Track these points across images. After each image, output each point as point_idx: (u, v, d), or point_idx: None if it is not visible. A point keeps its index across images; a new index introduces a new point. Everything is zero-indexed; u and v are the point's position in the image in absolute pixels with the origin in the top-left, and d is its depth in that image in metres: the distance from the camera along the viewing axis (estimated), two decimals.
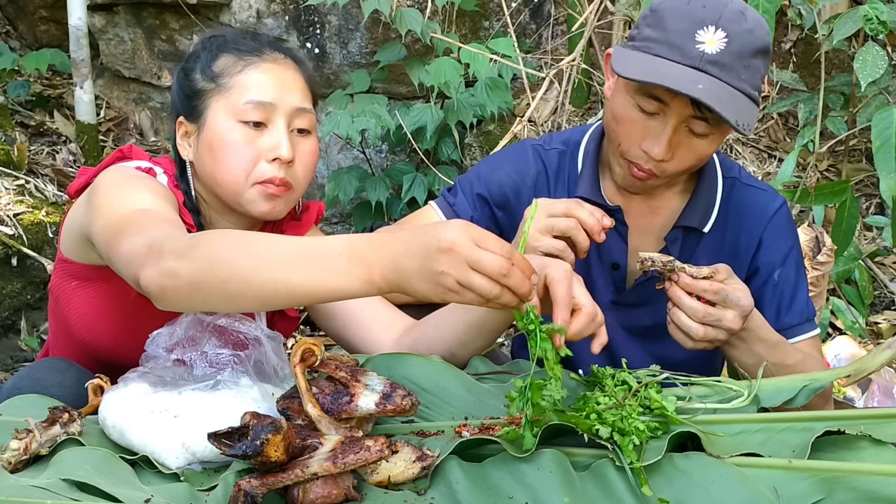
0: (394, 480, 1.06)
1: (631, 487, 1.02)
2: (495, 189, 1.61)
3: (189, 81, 1.44)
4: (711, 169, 1.56)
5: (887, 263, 3.17)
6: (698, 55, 1.34)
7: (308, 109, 1.45)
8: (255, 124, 1.39)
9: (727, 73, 1.34)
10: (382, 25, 3.15)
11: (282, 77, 1.43)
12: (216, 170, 1.40)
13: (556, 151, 1.62)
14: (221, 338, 1.23)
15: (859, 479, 0.99)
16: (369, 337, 1.45)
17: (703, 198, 1.54)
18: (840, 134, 2.97)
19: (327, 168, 3.53)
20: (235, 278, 1.07)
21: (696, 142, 1.40)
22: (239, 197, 1.41)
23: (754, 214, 1.56)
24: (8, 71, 3.45)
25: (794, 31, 3.64)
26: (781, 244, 1.56)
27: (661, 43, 1.37)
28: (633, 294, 1.58)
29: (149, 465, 1.12)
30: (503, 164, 1.64)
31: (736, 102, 1.34)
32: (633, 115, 1.41)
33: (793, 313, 1.55)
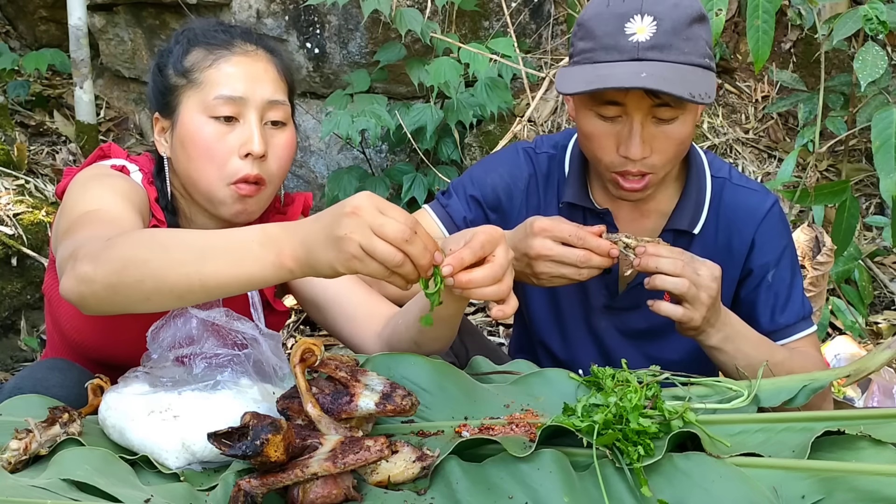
0: (394, 480, 1.06)
1: (631, 488, 1.02)
2: (489, 192, 1.61)
3: (162, 77, 1.43)
4: (700, 169, 1.56)
5: (887, 263, 3.17)
6: (633, 46, 1.35)
7: (281, 101, 1.43)
8: (226, 119, 1.38)
9: (667, 52, 1.34)
10: (382, 25, 3.15)
11: (252, 69, 1.41)
12: (191, 167, 1.40)
13: (546, 155, 1.62)
14: (220, 337, 1.23)
15: (859, 479, 0.99)
16: (356, 329, 1.45)
17: (693, 199, 1.54)
18: (840, 134, 2.97)
19: (327, 168, 3.53)
20: (149, 276, 1.07)
21: (668, 128, 1.39)
22: (213, 195, 1.40)
23: (745, 215, 1.55)
24: (8, 71, 3.45)
25: (794, 31, 3.64)
26: (775, 244, 1.55)
27: (596, 49, 1.37)
28: (626, 298, 1.58)
29: (149, 465, 1.12)
30: (496, 167, 1.64)
31: (685, 77, 1.33)
32: (598, 127, 1.41)
33: (788, 313, 1.55)
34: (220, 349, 1.21)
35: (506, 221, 1.61)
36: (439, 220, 1.61)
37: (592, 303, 1.60)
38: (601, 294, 1.59)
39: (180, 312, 1.25)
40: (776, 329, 1.53)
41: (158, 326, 1.27)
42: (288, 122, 1.44)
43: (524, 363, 1.39)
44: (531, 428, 1.15)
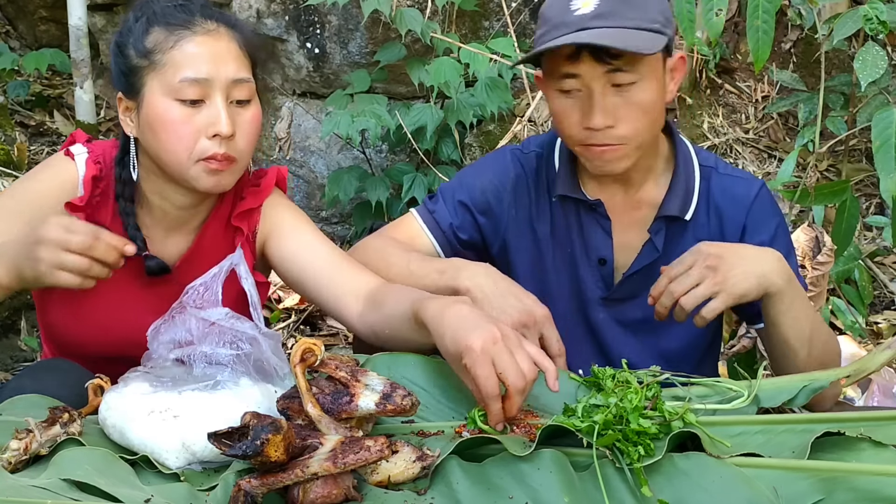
0: (394, 480, 1.06)
1: (631, 488, 1.02)
2: (477, 195, 1.61)
3: (124, 58, 1.43)
4: (687, 158, 1.56)
5: (887, 263, 3.17)
6: (578, 19, 1.37)
7: (245, 79, 1.42)
8: (192, 102, 1.38)
9: (612, 19, 1.36)
10: (382, 25, 3.15)
11: (215, 49, 1.40)
12: (160, 149, 1.41)
13: (533, 154, 1.63)
14: (220, 336, 1.23)
15: (859, 480, 0.99)
16: (339, 306, 1.46)
17: (682, 185, 1.54)
18: (840, 134, 2.97)
19: (327, 168, 3.53)
20: None
21: (628, 94, 1.40)
22: (184, 174, 1.41)
23: (734, 202, 1.55)
24: (8, 71, 3.45)
25: (794, 31, 3.64)
26: (766, 226, 1.55)
27: (548, 32, 1.41)
28: (622, 289, 1.58)
29: (149, 465, 1.12)
30: (484, 170, 1.65)
31: (625, 36, 1.35)
32: (563, 103, 1.44)
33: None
34: (220, 348, 1.21)
35: (495, 223, 1.62)
36: (426, 226, 1.61)
37: (588, 295, 1.60)
38: (597, 286, 1.59)
39: (180, 312, 1.25)
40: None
41: (158, 326, 1.27)
42: (253, 98, 1.45)
43: None
44: (531, 428, 1.15)
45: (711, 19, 2.15)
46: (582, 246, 1.58)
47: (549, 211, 1.60)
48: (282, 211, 1.56)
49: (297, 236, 1.53)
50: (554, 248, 1.61)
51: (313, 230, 1.55)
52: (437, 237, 1.60)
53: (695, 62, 3.58)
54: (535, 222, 1.61)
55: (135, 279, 1.49)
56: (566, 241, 1.60)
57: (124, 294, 1.48)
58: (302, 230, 1.54)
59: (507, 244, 1.63)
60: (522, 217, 1.61)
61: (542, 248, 1.61)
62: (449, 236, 1.61)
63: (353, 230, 3.41)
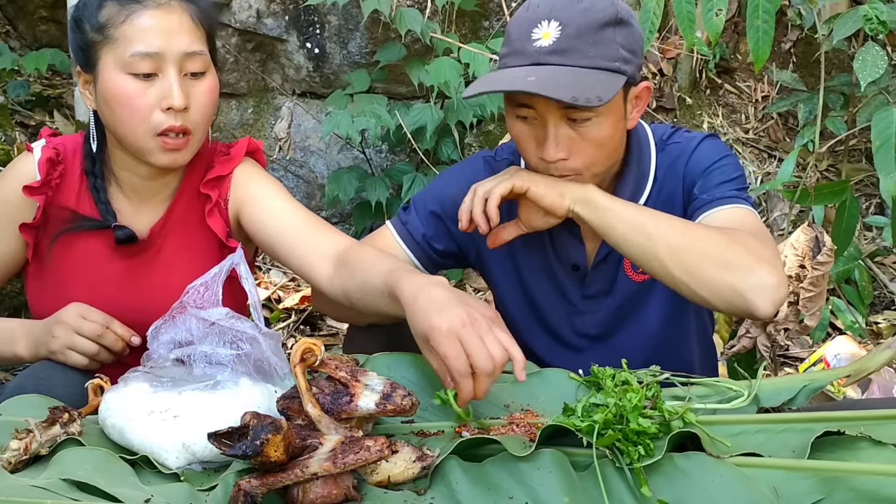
0: (394, 480, 1.06)
1: (631, 488, 1.02)
2: (449, 204, 1.60)
3: (80, 33, 1.44)
4: (640, 141, 1.54)
5: (887, 263, 3.17)
6: (535, 51, 1.35)
7: (198, 52, 1.43)
8: (145, 75, 1.39)
9: (568, 56, 1.33)
10: (382, 25, 3.15)
11: (166, 22, 1.40)
12: (116, 122, 1.43)
13: (506, 161, 1.62)
14: (221, 337, 1.23)
15: (859, 479, 0.99)
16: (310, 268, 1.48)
17: (633, 172, 1.52)
18: (840, 134, 2.97)
19: (327, 168, 3.53)
20: None
21: (584, 130, 1.38)
22: (140, 148, 1.43)
23: (677, 160, 1.53)
24: (8, 71, 3.44)
25: (794, 31, 3.64)
26: (701, 165, 1.50)
27: (509, 54, 1.39)
28: (596, 282, 1.57)
29: (149, 465, 1.12)
30: (456, 178, 1.64)
31: (580, 80, 1.32)
32: (520, 129, 1.42)
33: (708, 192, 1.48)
34: (220, 348, 1.21)
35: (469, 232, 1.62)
36: (399, 237, 1.61)
37: (571, 299, 1.60)
38: (576, 290, 1.59)
39: (180, 312, 1.25)
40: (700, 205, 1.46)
41: (158, 326, 1.27)
42: (208, 70, 1.46)
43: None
44: (531, 428, 1.15)
45: (711, 19, 2.15)
46: (555, 254, 1.58)
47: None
48: (254, 180, 1.56)
49: (268, 203, 1.54)
50: (528, 256, 1.60)
51: (285, 196, 1.55)
52: (411, 248, 1.61)
53: (695, 62, 3.58)
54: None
55: (110, 254, 1.52)
56: (540, 249, 1.59)
57: (101, 269, 1.52)
58: (273, 197, 1.55)
59: (481, 252, 1.63)
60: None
61: (517, 256, 1.61)
62: (423, 247, 1.61)
63: (353, 230, 3.41)
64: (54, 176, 1.51)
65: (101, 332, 1.41)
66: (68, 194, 1.52)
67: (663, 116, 3.56)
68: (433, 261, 1.63)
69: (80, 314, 1.41)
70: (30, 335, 1.45)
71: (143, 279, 1.54)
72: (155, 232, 1.54)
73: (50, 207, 1.51)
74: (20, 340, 1.46)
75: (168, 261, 1.54)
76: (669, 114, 3.58)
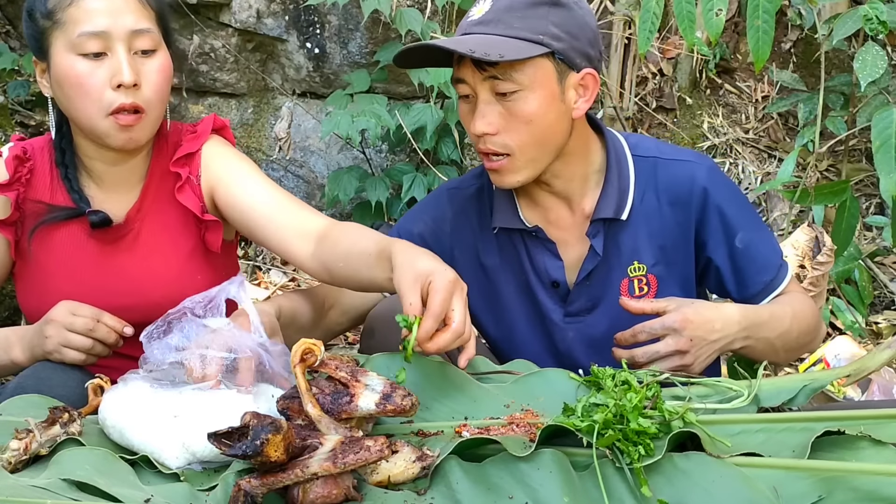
0: (394, 480, 1.06)
1: (631, 488, 1.02)
2: (417, 241, 1.57)
3: (32, 22, 1.47)
4: (619, 155, 1.53)
5: (887, 263, 3.17)
6: (467, 24, 1.41)
7: (146, 29, 1.44)
8: (94, 55, 1.41)
9: (492, 25, 1.37)
10: (382, 25, 3.15)
11: (112, 2, 1.42)
12: (70, 106, 1.45)
13: (474, 188, 1.62)
14: (222, 342, 1.22)
15: (859, 479, 0.99)
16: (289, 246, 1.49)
17: (614, 185, 1.51)
18: (840, 134, 2.97)
19: (327, 168, 3.53)
20: None
21: (510, 105, 1.39)
22: (95, 129, 1.44)
23: (684, 188, 1.52)
24: (8, 71, 3.44)
25: (794, 31, 3.64)
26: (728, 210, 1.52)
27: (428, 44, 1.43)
28: (578, 300, 1.56)
29: (149, 465, 1.12)
30: (421, 215, 1.65)
31: (492, 43, 1.35)
32: (463, 108, 1.46)
33: (769, 268, 1.53)
34: (221, 352, 1.21)
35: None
36: None
37: (551, 317, 1.58)
38: (557, 307, 1.57)
39: (177, 317, 1.25)
40: (763, 288, 1.52)
41: (151, 331, 1.26)
42: (159, 49, 1.47)
43: (524, 363, 1.39)
44: (531, 428, 1.15)
45: (711, 19, 2.15)
46: (534, 272, 1.57)
47: (496, 243, 1.59)
48: (225, 159, 1.57)
49: (242, 183, 1.54)
50: (506, 277, 1.59)
51: (257, 174, 1.56)
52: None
53: (695, 62, 3.58)
54: (482, 256, 1.60)
55: (89, 242, 1.54)
56: (518, 270, 1.58)
57: (82, 259, 1.54)
58: (247, 176, 1.55)
59: None
60: (467, 254, 1.61)
61: (494, 279, 1.60)
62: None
63: None
64: (23, 172, 1.53)
65: (93, 325, 1.41)
66: (41, 189, 1.55)
67: (663, 116, 3.56)
68: None
69: (69, 311, 1.41)
70: (24, 340, 1.46)
71: (125, 264, 1.55)
72: (131, 216, 1.55)
73: (24, 203, 1.53)
74: (15, 346, 1.46)
75: (147, 243, 1.56)
76: (669, 114, 3.59)
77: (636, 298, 1.46)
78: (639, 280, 1.54)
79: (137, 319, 1.45)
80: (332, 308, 1.60)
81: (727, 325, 1.38)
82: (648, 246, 1.53)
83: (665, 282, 1.54)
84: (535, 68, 1.38)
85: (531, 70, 1.38)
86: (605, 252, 1.52)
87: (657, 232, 1.53)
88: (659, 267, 1.53)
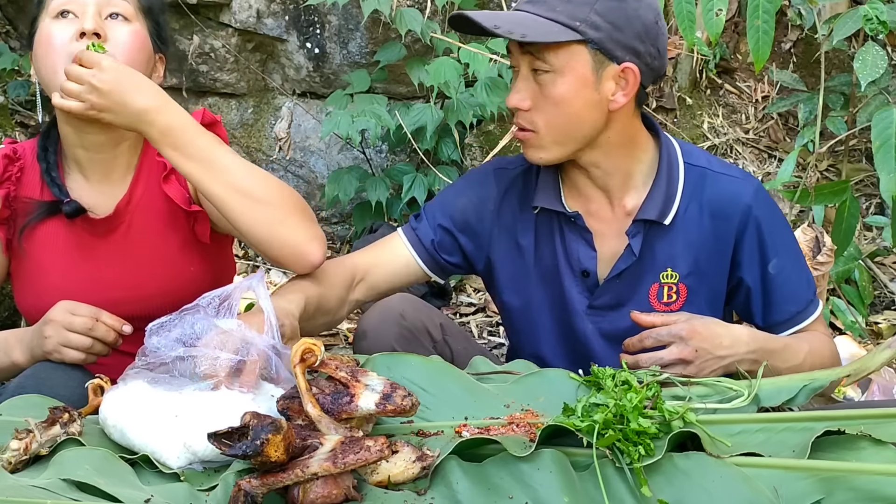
0: (394, 480, 1.06)
1: (631, 488, 1.02)
2: (458, 216, 1.62)
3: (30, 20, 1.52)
4: (672, 160, 1.53)
5: (887, 263, 3.17)
6: (518, 2, 1.47)
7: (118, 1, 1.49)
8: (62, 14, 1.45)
9: (538, 6, 1.41)
10: (382, 25, 3.15)
11: None
12: (40, 67, 1.48)
13: (520, 170, 1.62)
14: (230, 344, 1.21)
15: (859, 479, 0.99)
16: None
17: (662, 189, 1.51)
18: (840, 134, 2.97)
19: (327, 168, 3.53)
20: None
21: (544, 83, 1.42)
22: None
23: (730, 203, 1.52)
24: (8, 71, 3.44)
25: (794, 31, 3.64)
26: (767, 233, 1.52)
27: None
28: (605, 296, 1.55)
29: (149, 464, 1.12)
30: (465, 189, 1.65)
31: (527, 23, 1.39)
32: (513, 82, 1.50)
33: (798, 300, 1.53)
34: (224, 351, 1.21)
35: (478, 241, 1.62)
36: (409, 243, 1.63)
37: (574, 306, 1.58)
38: (582, 297, 1.57)
39: (190, 312, 1.25)
40: (788, 318, 1.52)
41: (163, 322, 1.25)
42: (133, 20, 1.50)
43: (524, 363, 1.39)
44: (531, 428, 1.15)
45: (711, 19, 2.15)
46: (565, 258, 1.56)
47: (534, 223, 1.59)
48: None
49: None
50: (537, 260, 1.59)
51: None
52: (420, 254, 1.62)
53: (695, 62, 3.58)
54: (519, 236, 1.60)
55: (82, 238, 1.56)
56: (550, 254, 1.58)
57: (74, 253, 1.56)
58: None
59: (491, 261, 1.63)
60: (506, 233, 1.61)
61: (527, 260, 1.60)
62: (432, 253, 1.62)
63: (353, 230, 3.41)
64: (13, 171, 1.55)
65: (91, 324, 1.41)
66: (31, 187, 1.56)
67: (663, 116, 3.56)
68: (441, 267, 1.64)
69: (68, 310, 1.41)
70: (23, 342, 1.46)
71: (117, 257, 1.56)
72: (121, 208, 1.56)
73: (15, 202, 1.55)
74: (15, 348, 1.47)
75: (139, 235, 1.57)
76: (669, 114, 3.58)
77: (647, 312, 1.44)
78: (669, 287, 1.53)
79: (132, 313, 1.47)
80: (362, 281, 1.60)
81: (735, 343, 1.37)
82: (685, 255, 1.52)
83: (695, 293, 1.53)
84: (570, 54, 1.40)
85: (565, 54, 1.40)
86: (642, 253, 1.51)
87: (695, 243, 1.52)
88: (691, 278, 1.53)
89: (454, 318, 2.99)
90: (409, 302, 1.55)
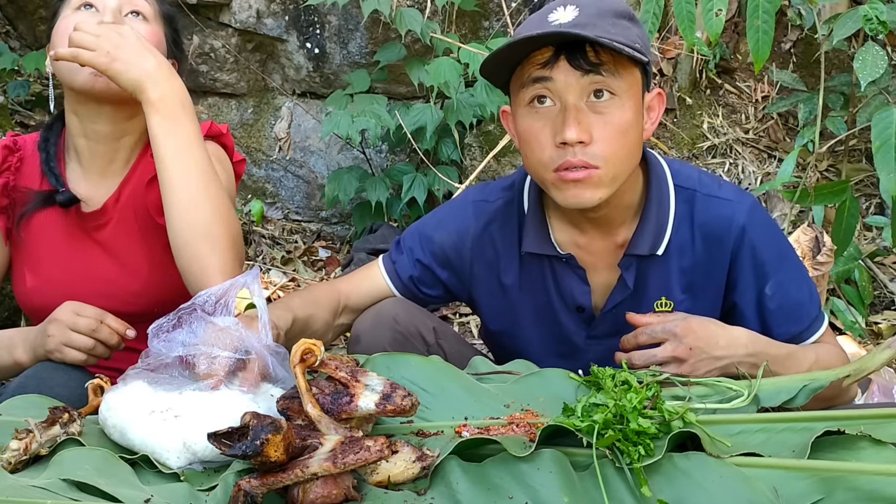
0: (394, 480, 1.06)
1: (631, 488, 1.02)
2: (437, 251, 1.58)
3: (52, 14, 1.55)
4: (661, 185, 1.47)
5: (887, 263, 3.17)
6: (556, 28, 1.29)
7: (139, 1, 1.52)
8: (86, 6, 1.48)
9: (591, 29, 1.27)
10: (382, 25, 3.15)
11: None
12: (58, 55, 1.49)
13: (501, 202, 1.56)
14: (226, 341, 1.22)
15: (859, 479, 0.99)
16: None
17: (652, 221, 1.46)
18: (840, 134, 2.97)
19: (327, 168, 3.53)
20: None
21: (606, 110, 1.31)
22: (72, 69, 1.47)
23: (721, 227, 1.46)
24: (8, 71, 3.44)
25: (794, 31, 3.64)
26: (763, 253, 1.47)
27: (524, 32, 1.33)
28: (602, 325, 1.53)
29: (149, 465, 1.12)
30: (445, 224, 1.60)
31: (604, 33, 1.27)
32: (532, 123, 1.35)
33: (800, 319, 1.48)
34: (224, 351, 1.21)
35: (458, 276, 1.60)
36: (387, 276, 1.61)
37: (573, 340, 1.56)
38: (580, 330, 1.54)
39: (187, 313, 1.25)
40: (789, 339, 1.47)
41: (161, 324, 1.26)
42: (152, 22, 1.53)
43: (524, 363, 1.39)
44: (531, 428, 1.15)
45: (711, 19, 2.15)
46: (558, 295, 1.53)
47: (518, 263, 1.54)
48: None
49: None
50: (525, 299, 1.56)
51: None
52: (398, 287, 1.60)
53: (695, 62, 3.58)
54: (502, 275, 1.56)
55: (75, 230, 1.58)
56: (540, 292, 1.54)
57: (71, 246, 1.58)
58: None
59: (473, 297, 1.62)
60: (486, 269, 1.57)
61: (513, 299, 1.57)
62: (410, 287, 1.60)
63: (353, 230, 3.42)
64: (13, 161, 1.57)
65: (96, 326, 1.42)
66: (30, 177, 1.59)
67: (663, 116, 3.56)
68: (420, 300, 1.61)
69: (73, 311, 1.43)
70: (26, 340, 1.47)
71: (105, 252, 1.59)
72: (109, 205, 1.58)
73: (14, 191, 1.58)
74: (18, 346, 1.48)
75: (125, 233, 1.59)
76: (669, 114, 3.58)
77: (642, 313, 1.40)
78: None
79: (117, 308, 1.48)
80: (346, 308, 1.59)
81: (732, 344, 1.33)
82: (678, 282, 1.49)
83: None
84: (632, 77, 1.32)
85: (629, 77, 1.31)
86: (635, 286, 1.48)
87: (688, 268, 1.48)
88: (686, 303, 1.49)
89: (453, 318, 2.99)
90: (402, 306, 1.54)
